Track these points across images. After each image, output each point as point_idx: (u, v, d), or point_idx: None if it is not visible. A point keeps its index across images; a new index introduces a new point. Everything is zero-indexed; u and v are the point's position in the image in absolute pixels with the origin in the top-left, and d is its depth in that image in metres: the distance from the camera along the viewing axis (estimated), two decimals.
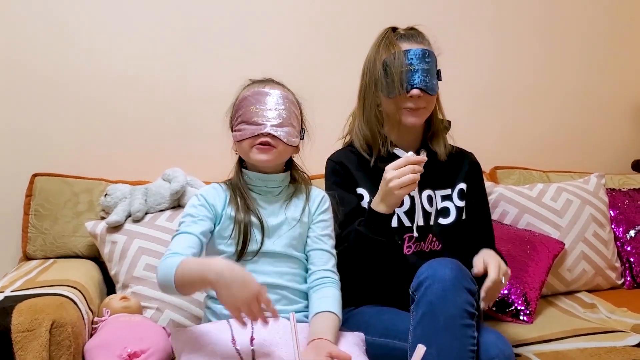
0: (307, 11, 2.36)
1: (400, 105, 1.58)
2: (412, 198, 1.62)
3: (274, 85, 1.51)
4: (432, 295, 1.29)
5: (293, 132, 1.48)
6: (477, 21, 2.60)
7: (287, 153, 1.52)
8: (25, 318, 1.26)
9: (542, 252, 2.01)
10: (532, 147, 2.68)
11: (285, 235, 1.49)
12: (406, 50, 1.56)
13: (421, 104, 1.57)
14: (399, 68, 1.55)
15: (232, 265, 1.24)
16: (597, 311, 1.95)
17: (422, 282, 1.32)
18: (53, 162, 2.06)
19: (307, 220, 1.54)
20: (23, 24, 2.04)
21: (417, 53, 1.55)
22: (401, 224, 1.61)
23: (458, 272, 1.32)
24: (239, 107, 1.49)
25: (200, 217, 1.45)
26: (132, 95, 2.16)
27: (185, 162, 2.06)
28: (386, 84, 1.57)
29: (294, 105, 1.51)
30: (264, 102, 1.46)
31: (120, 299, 1.66)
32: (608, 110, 2.83)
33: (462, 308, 1.28)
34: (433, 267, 1.34)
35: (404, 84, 1.54)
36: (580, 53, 2.76)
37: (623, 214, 2.32)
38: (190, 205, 1.50)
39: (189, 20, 2.21)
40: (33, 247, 1.92)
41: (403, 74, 1.54)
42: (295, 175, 1.59)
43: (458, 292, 1.29)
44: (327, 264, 1.51)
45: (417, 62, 1.55)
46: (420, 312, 1.30)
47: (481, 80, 2.61)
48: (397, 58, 1.56)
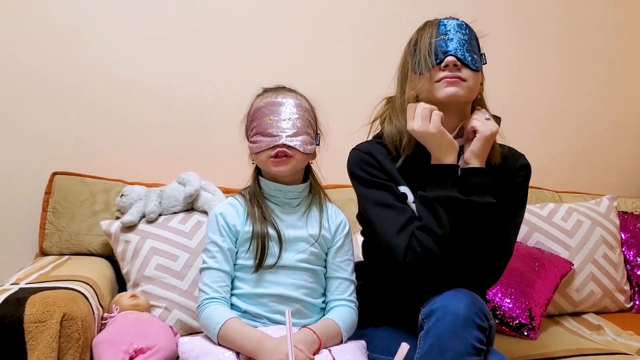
0: (323, 15, 2.39)
1: (433, 80, 1.39)
2: None
3: (286, 93, 1.50)
4: (441, 328, 1.26)
5: (308, 140, 1.47)
6: (494, 40, 2.60)
7: (305, 161, 1.51)
8: (37, 309, 1.30)
9: (550, 270, 2.01)
10: (546, 167, 2.67)
11: (305, 250, 1.49)
12: (439, 20, 1.42)
13: (459, 74, 1.38)
14: (431, 39, 1.39)
15: (263, 338, 1.33)
16: (603, 333, 1.94)
17: (434, 311, 1.29)
18: (73, 162, 2.12)
19: (329, 237, 1.53)
20: (45, 31, 2.11)
21: (453, 24, 1.41)
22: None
23: (471, 307, 1.28)
24: (253, 118, 1.49)
25: (225, 248, 1.46)
26: (151, 100, 2.21)
27: (200, 166, 2.10)
28: (418, 60, 1.40)
29: (308, 112, 1.50)
30: (278, 113, 1.45)
31: (130, 297, 1.69)
32: (624, 133, 2.82)
33: (470, 344, 1.25)
34: (447, 298, 1.29)
35: (439, 52, 1.38)
36: (597, 75, 2.76)
37: (634, 238, 2.31)
38: (212, 229, 1.48)
39: (206, 25, 2.26)
40: (49, 243, 1.97)
41: (434, 44, 1.38)
42: (314, 185, 1.57)
43: (468, 329, 1.25)
44: (345, 292, 1.50)
45: (453, 32, 1.40)
46: (429, 343, 1.27)
47: (497, 99, 2.60)
48: (428, 28, 1.42)
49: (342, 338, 1.43)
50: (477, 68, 1.42)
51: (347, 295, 1.50)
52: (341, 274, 1.52)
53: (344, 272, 1.52)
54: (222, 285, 1.44)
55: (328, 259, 1.53)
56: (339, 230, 1.54)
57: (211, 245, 1.47)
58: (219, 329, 1.36)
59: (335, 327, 1.42)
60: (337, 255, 1.53)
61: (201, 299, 1.43)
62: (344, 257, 1.53)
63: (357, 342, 1.45)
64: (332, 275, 1.52)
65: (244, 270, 1.47)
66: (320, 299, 1.51)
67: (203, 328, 1.42)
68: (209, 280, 1.44)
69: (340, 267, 1.52)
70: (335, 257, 1.53)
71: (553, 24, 2.69)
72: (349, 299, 1.50)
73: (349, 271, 1.53)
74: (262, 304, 1.44)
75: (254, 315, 1.44)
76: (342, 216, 1.58)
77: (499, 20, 2.61)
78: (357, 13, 2.44)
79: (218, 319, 1.37)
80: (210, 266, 1.45)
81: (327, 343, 1.39)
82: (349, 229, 1.58)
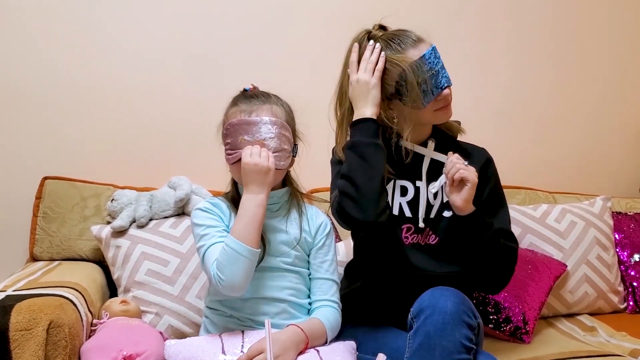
0: (315, 21, 2.39)
1: (432, 109, 1.53)
2: (418, 189, 1.57)
3: (261, 109, 1.46)
4: (430, 326, 1.28)
5: (284, 155, 1.45)
6: (489, 42, 2.61)
7: (281, 174, 1.50)
8: (23, 317, 1.29)
9: (544, 273, 2.00)
10: (540, 168, 2.67)
11: (287, 253, 1.49)
12: (421, 56, 1.49)
13: (450, 97, 1.55)
14: (421, 77, 1.48)
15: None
16: (597, 334, 1.94)
17: (423, 310, 1.31)
18: (63, 166, 2.10)
19: (310, 240, 1.53)
20: (34, 35, 2.10)
21: (429, 53, 1.50)
22: (402, 213, 1.57)
23: (460, 305, 1.30)
24: (227, 132, 1.46)
25: (216, 225, 1.44)
26: (142, 105, 2.20)
27: (191, 170, 2.09)
28: (413, 97, 1.49)
29: (284, 127, 1.46)
30: (252, 133, 1.43)
31: (120, 303, 1.68)
32: (617, 134, 2.81)
33: (459, 342, 1.27)
34: (436, 296, 1.32)
35: (433, 89, 1.49)
36: (590, 77, 2.76)
37: (628, 238, 2.31)
38: (202, 216, 1.46)
39: (197, 30, 2.25)
40: (40, 249, 1.96)
41: (428, 82, 1.49)
42: (292, 189, 1.57)
43: (457, 327, 1.27)
44: (328, 292, 1.51)
45: (434, 60, 1.50)
46: (418, 341, 1.29)
47: (492, 100, 2.62)
48: (417, 69, 1.49)
49: (327, 338, 1.44)
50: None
51: (330, 296, 1.51)
52: (323, 274, 1.52)
53: (325, 273, 1.52)
54: None
55: (310, 259, 1.53)
56: (319, 231, 1.55)
57: (201, 229, 1.44)
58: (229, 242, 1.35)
59: (321, 327, 1.43)
60: (318, 255, 1.53)
61: (209, 267, 1.38)
62: (325, 258, 1.53)
63: (346, 343, 1.45)
64: (314, 275, 1.52)
65: None
66: (307, 300, 1.51)
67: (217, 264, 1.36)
68: (213, 252, 1.39)
69: (322, 267, 1.53)
70: (316, 257, 1.53)
71: (548, 27, 2.69)
72: (332, 299, 1.51)
73: (331, 271, 1.53)
74: (246, 307, 1.44)
75: (239, 319, 1.44)
76: (323, 217, 1.58)
77: (494, 22, 2.61)
78: (351, 20, 2.42)
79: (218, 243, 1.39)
80: (207, 244, 1.41)
81: (314, 342, 1.39)
82: (330, 229, 1.58)
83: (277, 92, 1.55)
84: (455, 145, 1.63)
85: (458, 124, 1.67)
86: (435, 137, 1.61)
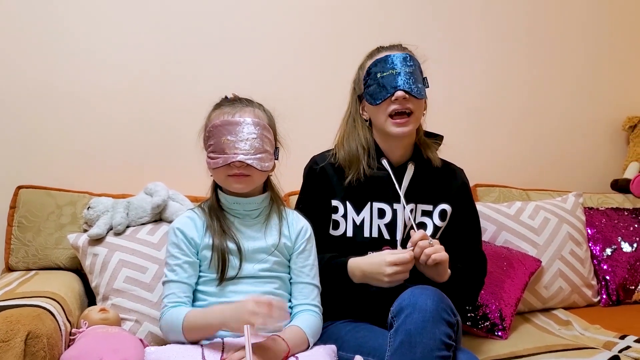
0: (292, 23, 2.40)
1: (386, 112, 1.57)
2: (395, 211, 1.63)
3: (244, 110, 1.49)
4: (411, 324, 1.30)
5: (267, 157, 1.48)
6: (464, 42, 2.65)
7: (264, 177, 1.53)
8: (0, 329, 1.28)
9: (519, 269, 2.04)
10: (514, 165, 2.72)
11: (266, 260, 1.50)
12: (387, 55, 1.58)
13: (408, 105, 1.56)
14: (381, 73, 1.56)
15: (223, 307, 1.37)
16: (572, 328, 1.98)
17: (403, 309, 1.33)
18: (38, 174, 2.08)
19: (290, 245, 1.55)
20: (7, 41, 2.08)
21: (399, 57, 1.57)
22: (381, 235, 1.63)
23: (439, 303, 1.33)
24: (210, 135, 1.49)
25: (183, 260, 1.48)
26: (117, 110, 2.19)
27: (168, 176, 2.08)
28: (371, 92, 1.58)
29: (267, 129, 1.49)
30: (235, 133, 1.45)
31: (99, 311, 1.67)
32: (589, 131, 2.88)
33: (439, 339, 1.29)
34: (415, 295, 1.34)
35: (388, 87, 1.55)
36: (563, 75, 2.82)
37: (600, 233, 2.36)
38: (171, 242, 1.52)
39: (172, 34, 2.25)
40: (15, 259, 1.94)
41: (385, 78, 1.55)
42: (272, 196, 1.59)
43: (437, 324, 1.30)
44: (309, 297, 1.53)
45: (399, 65, 1.56)
46: (399, 340, 1.31)
47: (465, 98, 2.65)
48: (379, 64, 1.58)
49: (309, 344, 1.45)
50: (422, 96, 1.59)
51: (311, 300, 1.52)
52: (304, 278, 1.54)
53: (306, 277, 1.54)
54: (182, 296, 1.46)
55: (291, 264, 1.55)
56: (299, 236, 1.56)
57: (171, 259, 1.50)
58: (181, 323, 1.39)
59: (302, 334, 1.44)
60: (298, 260, 1.55)
61: (162, 309, 1.46)
62: (305, 262, 1.55)
63: (326, 347, 1.46)
64: (295, 280, 1.54)
65: (206, 283, 1.48)
66: (289, 304, 1.52)
67: (168, 333, 1.44)
68: (170, 292, 1.47)
69: (303, 272, 1.54)
70: (297, 262, 1.55)
71: (523, 27, 2.74)
72: (313, 304, 1.52)
73: (312, 275, 1.55)
74: None
75: None
76: (303, 222, 1.60)
77: (470, 20, 2.65)
78: (333, 23, 2.45)
79: (178, 316, 1.41)
80: (170, 279, 1.48)
81: (295, 350, 1.40)
82: (311, 234, 1.59)
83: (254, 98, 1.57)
84: (434, 171, 1.69)
85: (440, 139, 1.72)
86: (415, 161, 1.66)
